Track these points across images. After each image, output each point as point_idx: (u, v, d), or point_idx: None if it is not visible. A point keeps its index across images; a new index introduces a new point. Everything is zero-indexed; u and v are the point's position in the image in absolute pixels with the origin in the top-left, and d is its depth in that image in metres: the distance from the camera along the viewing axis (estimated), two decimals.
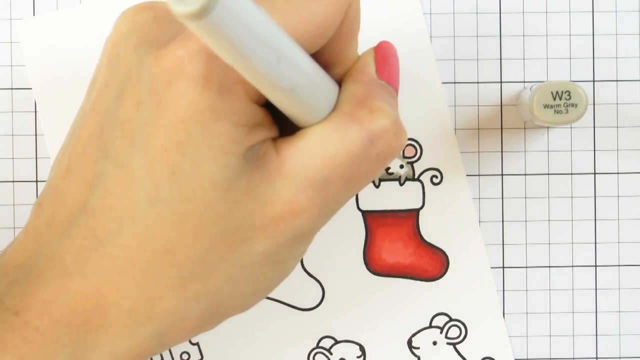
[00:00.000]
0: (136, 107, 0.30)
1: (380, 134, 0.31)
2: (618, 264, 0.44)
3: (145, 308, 0.30)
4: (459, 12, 0.44)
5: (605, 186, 0.44)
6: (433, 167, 0.44)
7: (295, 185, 0.30)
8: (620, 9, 0.44)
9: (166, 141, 0.29)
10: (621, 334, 0.44)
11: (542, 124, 0.40)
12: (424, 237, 0.44)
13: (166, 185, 0.29)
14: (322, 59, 0.32)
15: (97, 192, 0.30)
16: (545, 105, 0.39)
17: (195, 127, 0.29)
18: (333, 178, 0.31)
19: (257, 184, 0.30)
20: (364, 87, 0.32)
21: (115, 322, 0.30)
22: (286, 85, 0.28)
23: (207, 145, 0.29)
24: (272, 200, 0.30)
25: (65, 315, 0.30)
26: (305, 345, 0.44)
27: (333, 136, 0.30)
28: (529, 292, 0.44)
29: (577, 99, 0.40)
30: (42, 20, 0.44)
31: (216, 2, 0.23)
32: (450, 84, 0.44)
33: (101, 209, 0.30)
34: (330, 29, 0.31)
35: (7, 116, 0.44)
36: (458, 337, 0.44)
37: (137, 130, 0.30)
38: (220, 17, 0.24)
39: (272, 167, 0.30)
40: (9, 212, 0.44)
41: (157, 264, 0.30)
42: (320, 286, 0.44)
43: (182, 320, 0.31)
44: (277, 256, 0.31)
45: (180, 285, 0.30)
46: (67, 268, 0.30)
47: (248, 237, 0.30)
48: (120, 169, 0.30)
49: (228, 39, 0.25)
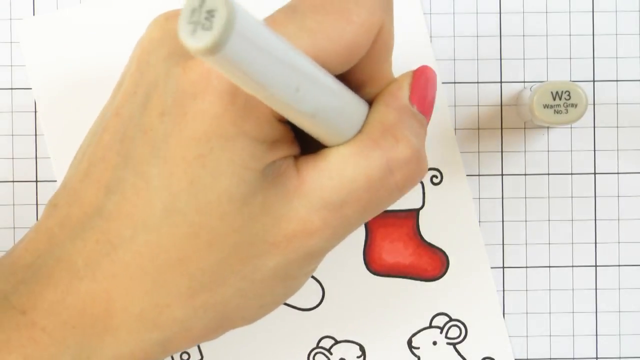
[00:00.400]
0: (160, 117, 0.30)
1: (401, 164, 0.31)
2: (618, 264, 0.44)
3: (153, 315, 0.30)
4: (459, 12, 0.44)
5: (605, 186, 0.44)
6: (433, 167, 0.44)
7: (311, 205, 0.30)
8: (620, 9, 0.44)
9: (187, 153, 0.29)
10: (621, 334, 0.44)
11: (542, 123, 0.40)
12: (424, 237, 0.44)
13: (183, 196, 0.30)
14: (353, 78, 0.32)
15: (114, 198, 0.30)
16: (545, 105, 0.40)
17: (217, 141, 0.29)
18: (349, 201, 0.31)
19: (274, 201, 0.30)
20: (393, 113, 0.32)
21: (121, 327, 0.30)
22: (307, 110, 0.28)
23: (227, 159, 0.29)
24: (287, 218, 0.30)
25: (72, 316, 0.30)
26: (305, 345, 0.44)
27: (354, 160, 0.31)
28: (529, 292, 0.44)
29: (577, 99, 0.40)
30: (42, 20, 0.44)
31: (229, 35, 0.23)
32: (450, 84, 0.44)
33: (117, 214, 0.30)
34: (361, 50, 0.31)
35: (7, 116, 0.44)
36: (458, 337, 0.44)
37: (159, 140, 0.30)
38: (234, 51, 0.24)
39: (290, 185, 0.30)
40: (9, 212, 0.44)
41: (168, 273, 0.30)
42: (320, 286, 0.44)
43: (188, 329, 0.31)
44: (287, 273, 0.32)
45: (189, 294, 0.30)
46: (78, 270, 0.30)
47: (260, 253, 0.31)
48: (139, 177, 0.30)
49: (243, 71, 0.25)
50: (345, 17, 0.30)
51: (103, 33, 0.44)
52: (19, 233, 0.44)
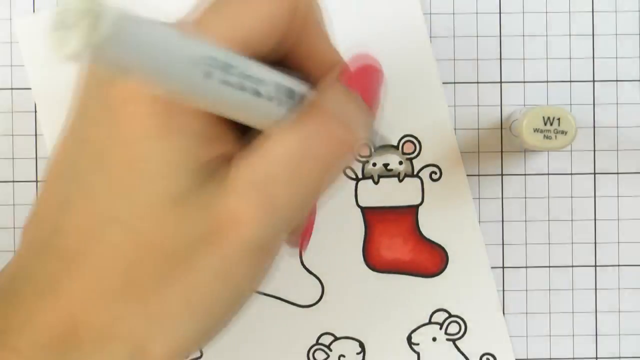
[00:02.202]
0: (96, 126, 0.30)
1: (320, 129, 0.30)
2: (618, 264, 0.44)
3: (112, 328, 0.30)
4: (459, 12, 0.44)
5: (605, 186, 0.44)
6: (432, 163, 0.44)
7: (240, 191, 0.29)
8: (620, 9, 0.44)
9: (121, 159, 0.29)
10: (621, 334, 0.44)
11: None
12: (423, 234, 0.44)
13: (121, 203, 0.29)
14: (294, 60, 0.32)
15: (67, 214, 0.30)
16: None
17: (148, 142, 0.29)
18: (276, 179, 0.29)
19: (206, 198, 0.29)
20: (319, 91, 0.31)
21: (87, 342, 0.30)
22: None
23: (160, 160, 0.29)
24: (217, 211, 0.29)
25: (41, 336, 0.30)
26: (305, 341, 0.44)
27: (277, 138, 0.30)
28: (529, 292, 0.44)
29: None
30: (40, 19, 0.44)
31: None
32: (450, 84, 0.44)
33: (70, 229, 0.30)
34: (280, 23, 0.30)
35: (7, 116, 0.44)
36: (458, 333, 0.44)
37: (97, 149, 0.30)
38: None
39: (221, 178, 0.30)
40: (9, 212, 0.44)
41: (119, 283, 0.30)
42: (319, 283, 0.44)
43: (146, 343, 0.30)
44: (228, 272, 0.30)
45: (142, 305, 0.30)
46: (42, 289, 0.30)
47: (197, 254, 0.30)
48: (84, 189, 0.30)
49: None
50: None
51: None
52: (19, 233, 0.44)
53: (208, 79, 0.27)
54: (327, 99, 0.31)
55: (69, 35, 0.23)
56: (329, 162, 0.30)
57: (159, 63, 0.25)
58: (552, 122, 0.40)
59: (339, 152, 0.31)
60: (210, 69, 0.27)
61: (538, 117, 0.40)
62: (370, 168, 0.44)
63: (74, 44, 0.23)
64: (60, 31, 0.23)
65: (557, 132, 0.40)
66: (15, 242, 0.44)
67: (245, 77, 0.28)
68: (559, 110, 0.40)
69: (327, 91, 0.31)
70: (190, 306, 0.31)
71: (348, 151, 0.31)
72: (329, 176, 0.31)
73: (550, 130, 0.40)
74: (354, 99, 0.32)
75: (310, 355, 0.44)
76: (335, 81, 0.32)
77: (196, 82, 0.26)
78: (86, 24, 0.23)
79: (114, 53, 0.24)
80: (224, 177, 0.30)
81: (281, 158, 0.30)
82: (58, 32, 0.23)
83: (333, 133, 0.30)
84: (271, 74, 0.30)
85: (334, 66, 0.32)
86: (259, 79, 0.29)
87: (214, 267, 0.30)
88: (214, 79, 0.27)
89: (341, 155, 0.31)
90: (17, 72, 0.44)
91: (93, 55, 0.23)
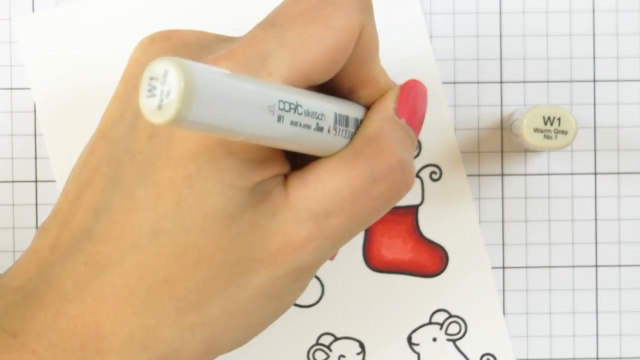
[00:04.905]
0: (148, 140, 0.30)
1: (385, 173, 0.31)
2: (618, 264, 0.44)
3: (141, 336, 0.30)
4: (459, 12, 0.44)
5: (605, 186, 0.44)
6: (432, 163, 0.44)
7: (296, 217, 0.30)
8: (620, 9, 0.44)
9: (174, 174, 0.29)
10: (622, 334, 0.44)
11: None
12: (423, 234, 0.44)
13: (170, 217, 0.30)
14: (343, 84, 0.32)
15: (102, 220, 0.31)
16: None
17: (204, 161, 0.29)
18: (334, 212, 0.30)
19: (261, 218, 0.30)
20: (377, 124, 0.32)
21: (111, 349, 0.30)
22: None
23: (214, 179, 0.29)
24: (273, 233, 0.30)
25: (62, 339, 0.30)
26: (305, 342, 0.44)
27: (338, 170, 0.30)
28: (529, 292, 0.44)
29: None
30: (40, 18, 0.44)
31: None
32: (450, 84, 0.44)
33: (105, 236, 0.30)
34: (343, 55, 0.31)
35: (6, 116, 0.44)
36: (458, 333, 0.44)
37: (147, 162, 0.30)
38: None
39: (277, 201, 0.30)
40: (8, 212, 0.44)
41: (156, 293, 0.30)
42: (319, 283, 0.44)
43: (176, 350, 0.31)
44: (274, 290, 0.31)
45: (177, 315, 0.30)
46: (67, 293, 0.30)
47: (246, 270, 0.30)
48: (126, 199, 0.30)
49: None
50: (323, 24, 0.30)
51: (103, 30, 0.44)
52: (19, 233, 0.44)
53: (280, 121, 0.27)
54: (387, 135, 0.31)
55: (164, 102, 0.23)
56: (388, 204, 0.31)
57: (238, 116, 0.25)
58: (553, 122, 0.40)
59: (399, 196, 0.32)
60: (281, 113, 0.27)
61: (538, 117, 0.40)
62: None
63: (171, 113, 0.23)
64: (152, 97, 0.23)
65: (557, 132, 0.40)
66: (15, 242, 0.44)
67: (310, 115, 0.29)
68: (560, 110, 0.40)
69: (389, 126, 0.32)
70: (231, 318, 0.31)
71: (405, 194, 0.32)
72: (384, 213, 0.32)
73: (550, 130, 0.40)
74: (411, 134, 0.32)
75: (310, 356, 0.44)
76: (393, 112, 0.32)
77: (269, 126, 0.27)
78: (180, 90, 0.23)
79: (201, 116, 0.24)
80: (281, 200, 0.30)
81: (344, 194, 0.30)
82: (151, 99, 0.23)
83: (397, 178, 0.31)
84: (329, 104, 0.30)
85: (384, 88, 0.33)
86: (321, 114, 0.29)
87: (262, 285, 0.31)
88: (285, 121, 0.27)
89: (400, 198, 0.32)
90: (17, 72, 0.44)
91: (182, 122, 0.23)
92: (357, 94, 0.33)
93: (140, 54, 0.32)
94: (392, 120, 0.32)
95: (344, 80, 0.32)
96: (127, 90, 0.32)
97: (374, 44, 0.32)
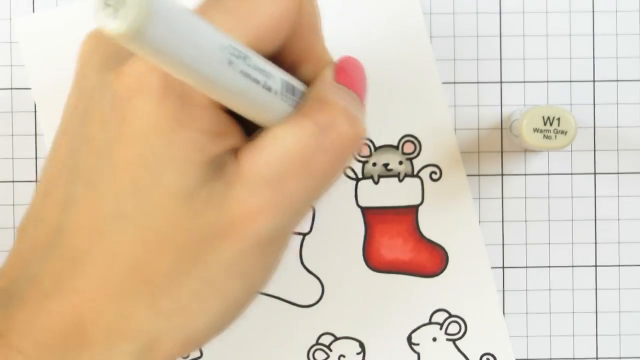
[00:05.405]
0: (101, 125, 0.30)
1: (331, 124, 0.30)
2: (618, 264, 0.44)
3: (120, 326, 0.30)
4: (459, 12, 0.44)
5: (605, 186, 0.44)
6: (432, 163, 0.44)
7: (251, 185, 0.30)
8: (620, 9, 0.44)
9: (129, 155, 0.29)
10: (621, 334, 0.44)
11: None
12: (423, 234, 0.44)
13: (129, 200, 0.29)
14: (286, 59, 0.32)
15: (70, 213, 0.30)
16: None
17: (156, 138, 0.29)
18: (287, 173, 0.30)
19: (218, 192, 0.30)
20: (319, 87, 0.32)
21: (92, 342, 0.30)
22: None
23: (168, 155, 0.29)
24: (230, 205, 0.30)
25: (45, 336, 0.30)
26: (305, 341, 0.44)
27: (285, 131, 0.30)
28: (529, 292, 0.44)
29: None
30: (40, 18, 0.44)
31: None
32: (450, 84, 0.44)
33: (74, 228, 0.30)
34: (286, 24, 0.31)
35: (7, 116, 0.44)
36: (458, 333, 0.44)
37: (102, 147, 0.30)
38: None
39: (231, 172, 0.30)
40: (8, 212, 0.44)
41: (127, 281, 0.30)
42: (319, 283, 0.44)
43: (154, 340, 0.31)
44: (241, 268, 0.31)
45: (150, 301, 0.30)
46: (47, 290, 0.30)
47: (210, 248, 0.30)
48: (89, 188, 0.30)
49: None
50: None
51: None
52: None
53: (230, 66, 0.27)
54: (334, 95, 0.31)
55: (116, 14, 0.23)
56: (340, 156, 0.31)
57: (192, 48, 0.25)
58: (552, 122, 0.40)
59: (349, 145, 0.31)
60: (232, 58, 0.27)
61: (538, 117, 0.40)
62: (370, 168, 0.44)
63: (120, 24, 0.23)
64: (106, 10, 0.23)
65: (557, 132, 0.40)
66: None
67: (259, 70, 0.29)
68: (559, 110, 0.40)
69: (331, 88, 0.32)
70: (202, 301, 0.31)
71: (357, 144, 0.31)
72: (339, 169, 0.31)
73: (550, 130, 0.40)
74: (353, 95, 0.32)
75: (310, 355, 0.44)
76: (332, 79, 0.32)
77: (220, 69, 0.27)
78: (133, 3, 0.23)
79: (156, 36, 0.24)
80: (234, 171, 0.30)
81: (293, 152, 0.30)
82: (105, 10, 0.23)
83: (343, 127, 0.31)
84: (277, 70, 0.30)
85: (325, 64, 0.33)
86: (269, 73, 0.29)
87: (227, 261, 0.30)
88: (235, 68, 0.27)
89: (351, 148, 0.31)
90: (17, 72, 0.44)
91: (137, 36, 0.23)
92: (300, 69, 0.33)
93: (88, 42, 0.32)
94: (332, 84, 0.32)
95: (287, 55, 0.32)
96: (77, 81, 0.31)
97: (314, 19, 0.32)
